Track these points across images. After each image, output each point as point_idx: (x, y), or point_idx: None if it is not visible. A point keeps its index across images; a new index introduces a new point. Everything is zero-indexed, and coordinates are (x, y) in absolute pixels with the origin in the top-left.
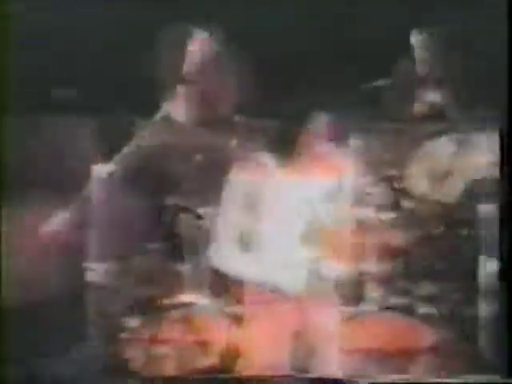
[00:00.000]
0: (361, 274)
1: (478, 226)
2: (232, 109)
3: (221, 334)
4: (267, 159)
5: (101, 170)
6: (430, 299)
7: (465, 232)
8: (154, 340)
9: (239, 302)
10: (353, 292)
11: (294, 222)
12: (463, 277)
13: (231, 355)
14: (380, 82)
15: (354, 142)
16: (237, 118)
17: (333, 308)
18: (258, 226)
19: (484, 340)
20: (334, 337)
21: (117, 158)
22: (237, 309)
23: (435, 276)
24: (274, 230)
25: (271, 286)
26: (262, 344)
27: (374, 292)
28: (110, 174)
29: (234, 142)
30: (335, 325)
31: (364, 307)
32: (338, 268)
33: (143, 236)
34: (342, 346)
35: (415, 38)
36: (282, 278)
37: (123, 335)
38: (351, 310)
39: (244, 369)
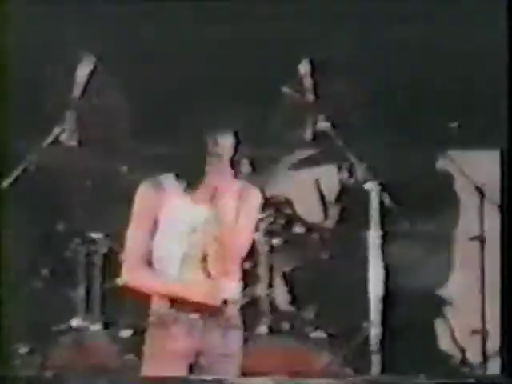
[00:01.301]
0: (252, 297)
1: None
2: (123, 134)
3: (113, 359)
4: (169, 183)
5: None
6: (318, 323)
7: (353, 257)
8: (44, 366)
9: (133, 326)
10: (245, 316)
11: (184, 246)
12: (351, 300)
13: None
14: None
15: (244, 167)
16: (129, 143)
17: (231, 331)
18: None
19: (377, 360)
20: (232, 359)
21: (6, 181)
22: (130, 333)
23: (323, 300)
24: (167, 252)
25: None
26: (159, 367)
27: (265, 316)
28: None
29: (124, 168)
30: (233, 347)
31: (256, 331)
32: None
33: (33, 261)
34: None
35: (303, 67)
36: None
37: (15, 361)
38: (244, 334)
39: None
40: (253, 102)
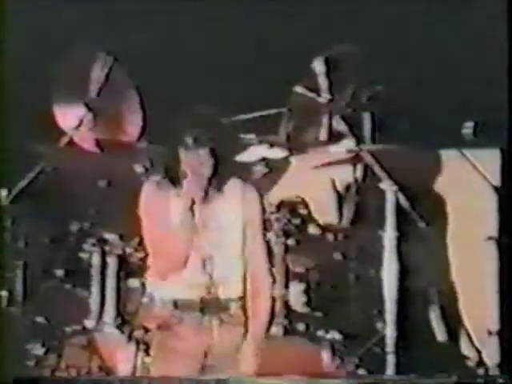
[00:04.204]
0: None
1: (381, 252)
2: (137, 135)
3: (127, 360)
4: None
5: (3, 195)
6: (333, 324)
7: (368, 258)
8: (58, 367)
9: (145, 327)
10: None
11: (185, 249)
12: (366, 301)
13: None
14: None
15: (257, 167)
16: (141, 144)
17: (238, 331)
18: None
19: (391, 362)
20: (240, 360)
21: (21, 183)
22: (143, 334)
23: (338, 301)
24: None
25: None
26: (169, 368)
27: (278, 317)
28: (14, 200)
29: (138, 168)
30: (240, 348)
31: (271, 332)
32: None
33: (48, 262)
34: (248, 370)
35: (318, 65)
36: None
37: (28, 362)
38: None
39: None
40: (267, 102)
